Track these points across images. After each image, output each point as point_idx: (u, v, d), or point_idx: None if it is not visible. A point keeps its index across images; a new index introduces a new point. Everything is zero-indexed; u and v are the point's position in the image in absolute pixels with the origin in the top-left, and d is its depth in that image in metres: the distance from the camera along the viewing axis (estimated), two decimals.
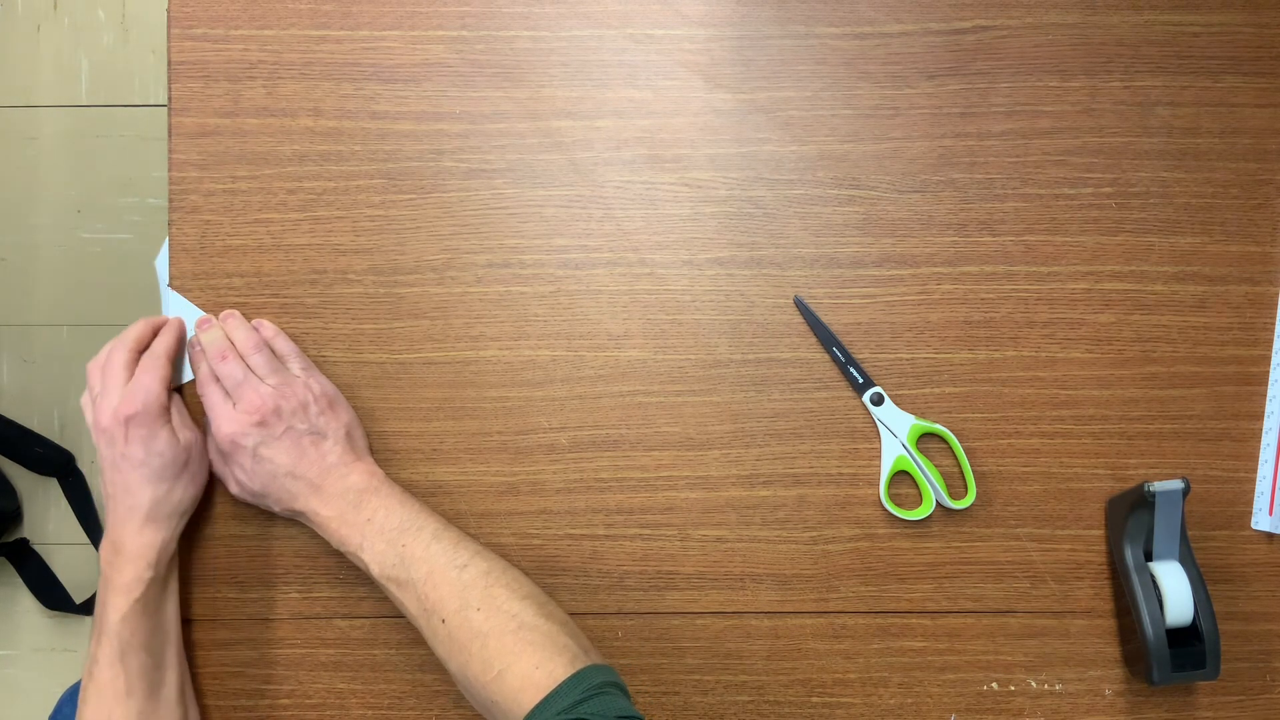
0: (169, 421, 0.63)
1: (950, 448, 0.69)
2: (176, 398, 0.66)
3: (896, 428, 0.68)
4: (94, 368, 0.64)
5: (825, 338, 0.69)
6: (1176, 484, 0.63)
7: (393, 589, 0.60)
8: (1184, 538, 0.65)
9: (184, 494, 0.64)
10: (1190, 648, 0.65)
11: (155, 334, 0.67)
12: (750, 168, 0.69)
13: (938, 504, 0.68)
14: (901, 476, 0.69)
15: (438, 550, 0.60)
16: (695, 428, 0.69)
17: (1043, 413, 0.69)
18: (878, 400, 0.68)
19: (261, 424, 0.62)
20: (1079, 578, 0.69)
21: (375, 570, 0.61)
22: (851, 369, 0.68)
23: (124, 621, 0.61)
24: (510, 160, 0.69)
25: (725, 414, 0.69)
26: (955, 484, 0.69)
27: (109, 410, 0.62)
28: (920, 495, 0.69)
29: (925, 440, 0.69)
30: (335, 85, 0.69)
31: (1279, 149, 0.70)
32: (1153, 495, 0.63)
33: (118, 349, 0.64)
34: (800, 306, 0.69)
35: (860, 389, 0.68)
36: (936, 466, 0.69)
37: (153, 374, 0.63)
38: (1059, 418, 0.69)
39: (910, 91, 0.69)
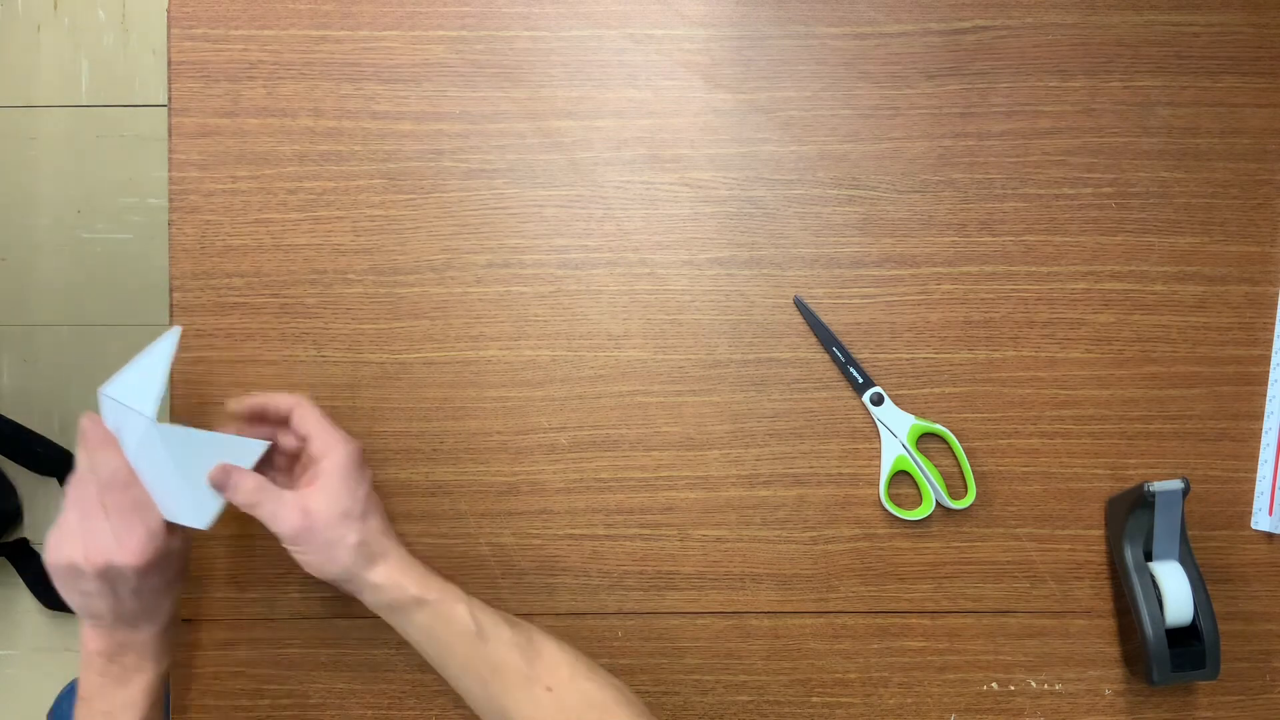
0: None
1: (950, 448, 0.69)
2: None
3: (896, 427, 0.68)
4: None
5: (825, 338, 0.69)
6: (1176, 484, 0.63)
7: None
8: (1184, 538, 0.65)
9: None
10: (1190, 647, 0.65)
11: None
12: (750, 168, 0.69)
13: (937, 504, 0.68)
14: (901, 476, 0.69)
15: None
16: (695, 428, 0.69)
17: (1043, 413, 0.69)
18: (877, 400, 0.68)
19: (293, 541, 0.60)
20: (1079, 578, 0.69)
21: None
22: (851, 369, 0.68)
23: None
24: (510, 160, 0.69)
25: (725, 414, 0.69)
26: (955, 484, 0.69)
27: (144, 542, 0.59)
28: (920, 495, 0.69)
29: (925, 440, 0.69)
30: (335, 85, 0.69)
31: (1279, 149, 0.70)
32: (1152, 495, 0.63)
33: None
34: (800, 306, 0.69)
35: (860, 389, 0.69)
36: (936, 466, 0.69)
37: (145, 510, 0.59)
38: (1059, 418, 0.69)
39: (910, 91, 0.69)
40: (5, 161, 1.37)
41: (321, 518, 0.58)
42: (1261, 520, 0.69)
